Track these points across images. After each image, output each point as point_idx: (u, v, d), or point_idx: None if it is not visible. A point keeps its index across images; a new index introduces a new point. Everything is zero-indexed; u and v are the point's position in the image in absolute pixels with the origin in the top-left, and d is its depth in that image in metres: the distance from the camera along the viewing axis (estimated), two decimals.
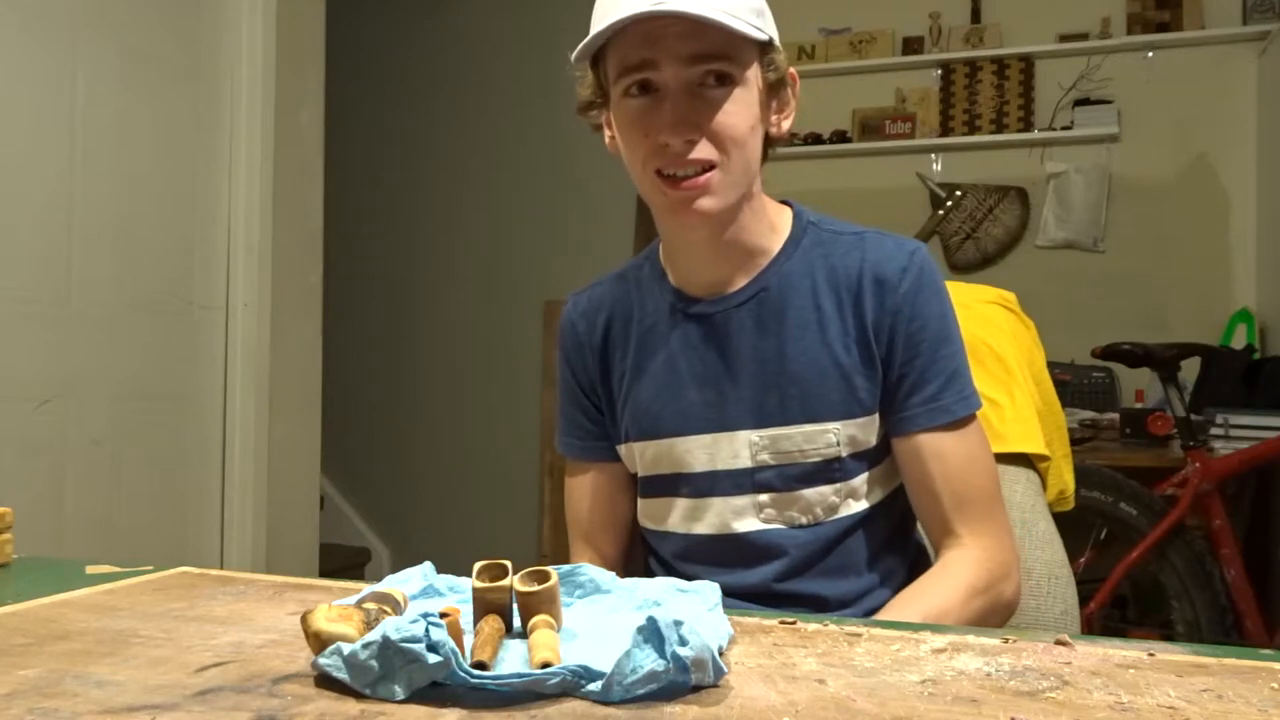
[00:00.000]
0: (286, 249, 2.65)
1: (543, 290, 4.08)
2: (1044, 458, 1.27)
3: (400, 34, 4.41)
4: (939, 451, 0.99)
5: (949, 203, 3.56)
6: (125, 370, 2.33)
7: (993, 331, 1.29)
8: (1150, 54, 3.38)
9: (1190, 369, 2.80)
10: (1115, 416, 2.89)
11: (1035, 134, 3.46)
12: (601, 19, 0.94)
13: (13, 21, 2.08)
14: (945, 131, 3.59)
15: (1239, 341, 3.06)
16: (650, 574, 1.11)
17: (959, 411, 1.00)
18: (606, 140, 1.04)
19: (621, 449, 1.11)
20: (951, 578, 0.97)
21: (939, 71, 3.61)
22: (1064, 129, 3.42)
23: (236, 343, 2.57)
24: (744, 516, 1.02)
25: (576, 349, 1.13)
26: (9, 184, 2.08)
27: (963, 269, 3.56)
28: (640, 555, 1.16)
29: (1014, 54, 3.50)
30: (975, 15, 3.58)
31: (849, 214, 1.13)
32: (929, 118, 3.61)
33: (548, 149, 4.16)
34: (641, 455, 1.08)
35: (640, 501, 1.12)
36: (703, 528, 1.04)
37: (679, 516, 1.06)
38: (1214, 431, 2.61)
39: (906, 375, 1.00)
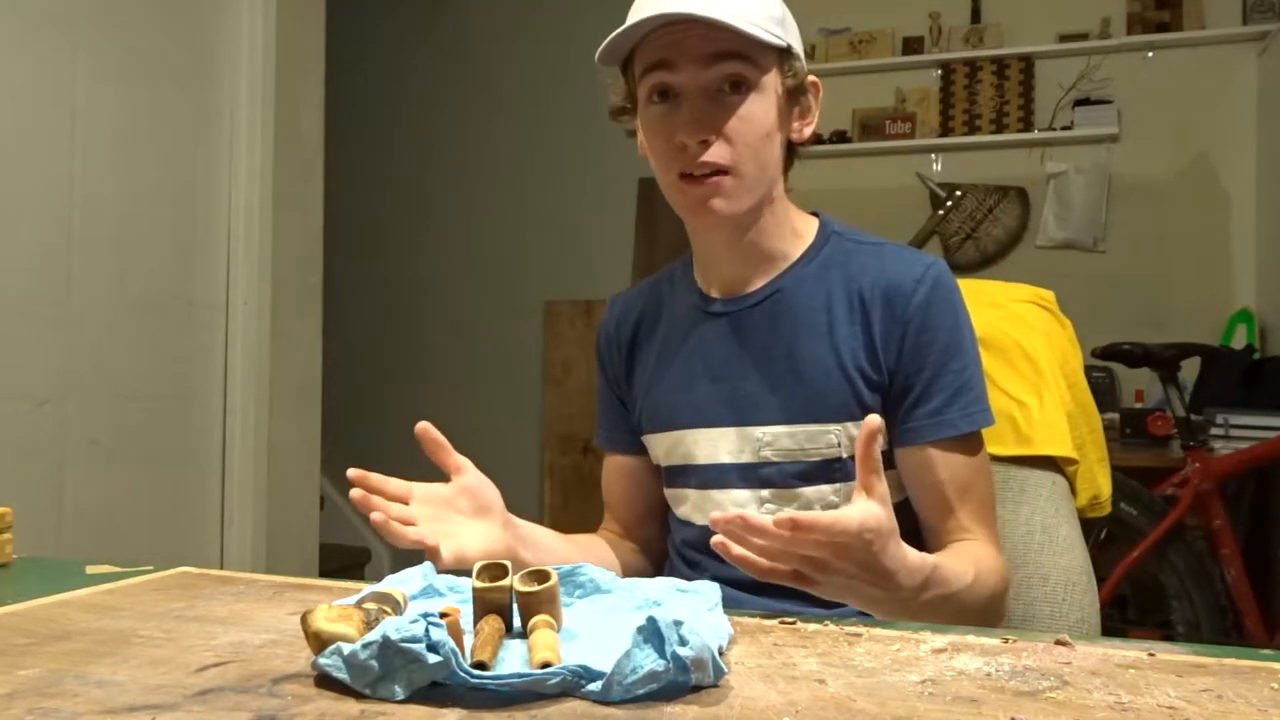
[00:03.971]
0: (286, 249, 2.65)
1: (543, 290, 4.08)
2: (1071, 461, 1.23)
3: (401, 34, 4.41)
4: (945, 463, 0.99)
5: (949, 203, 3.56)
6: (125, 370, 2.32)
7: (1025, 331, 1.26)
8: (1150, 54, 3.38)
9: (1190, 369, 2.80)
10: (1115, 416, 2.89)
11: (1035, 134, 3.46)
12: (626, 22, 0.98)
13: (13, 21, 2.08)
14: (945, 131, 3.59)
15: (1239, 341, 3.06)
16: (671, 561, 1.15)
17: (963, 427, 0.99)
18: (639, 145, 1.08)
19: (644, 440, 1.15)
20: (990, 557, 0.96)
21: (939, 71, 3.61)
22: (1064, 129, 3.42)
23: (236, 342, 2.56)
24: (746, 509, 1.03)
25: (608, 347, 1.19)
26: (9, 184, 2.08)
27: (963, 269, 3.55)
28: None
29: (1014, 54, 3.50)
30: (975, 15, 3.58)
31: (849, 214, 1.14)
32: (929, 118, 3.61)
33: (548, 149, 4.16)
34: (659, 446, 1.12)
35: (664, 489, 1.15)
36: (707, 518, 1.06)
37: (689, 506, 1.09)
38: (1214, 431, 2.61)
39: (913, 387, 1.00)
